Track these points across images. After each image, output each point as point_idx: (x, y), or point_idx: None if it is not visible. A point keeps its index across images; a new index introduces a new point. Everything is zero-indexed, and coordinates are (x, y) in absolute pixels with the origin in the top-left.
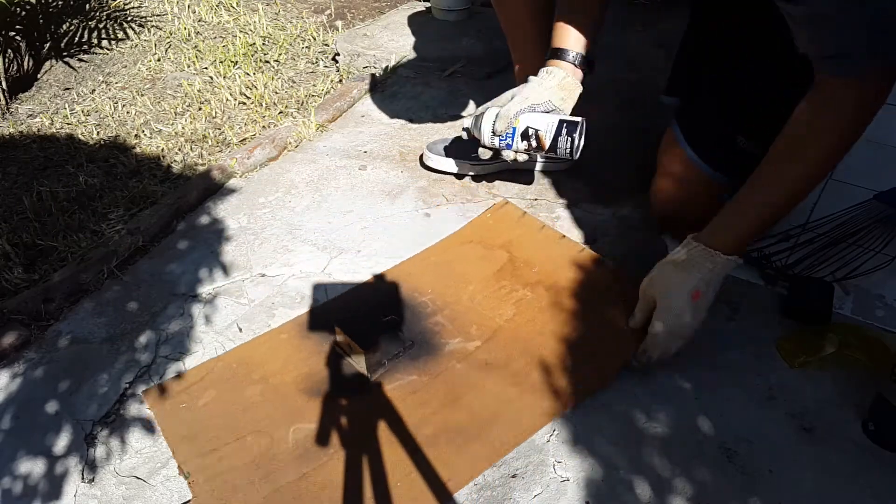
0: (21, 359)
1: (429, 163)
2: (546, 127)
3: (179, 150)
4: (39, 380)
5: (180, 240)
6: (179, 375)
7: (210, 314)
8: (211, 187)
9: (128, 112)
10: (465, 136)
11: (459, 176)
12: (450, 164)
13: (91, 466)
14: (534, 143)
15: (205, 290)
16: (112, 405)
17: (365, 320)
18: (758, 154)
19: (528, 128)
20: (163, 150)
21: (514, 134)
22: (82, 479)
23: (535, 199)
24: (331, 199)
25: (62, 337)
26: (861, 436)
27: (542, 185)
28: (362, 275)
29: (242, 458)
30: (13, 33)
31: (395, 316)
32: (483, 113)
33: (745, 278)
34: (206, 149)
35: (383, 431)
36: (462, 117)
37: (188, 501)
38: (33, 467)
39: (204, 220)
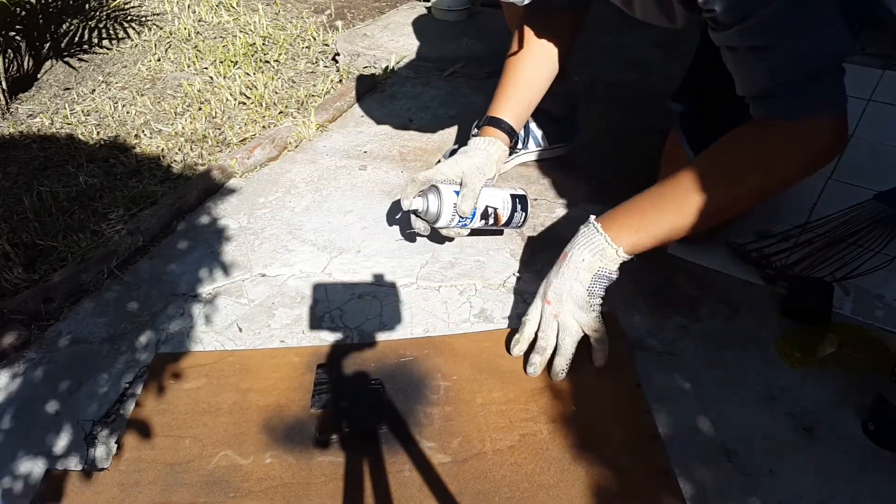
0: (21, 359)
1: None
2: (503, 205)
3: (179, 150)
4: (39, 380)
5: (180, 240)
6: (190, 353)
7: (210, 314)
8: (211, 187)
9: (128, 112)
10: (410, 216)
11: None
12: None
13: (91, 466)
14: (491, 221)
15: (205, 290)
16: (112, 405)
17: (366, 378)
18: None
19: (487, 207)
20: (163, 150)
21: (474, 214)
22: None
23: (535, 199)
24: (331, 199)
25: (62, 337)
26: (861, 436)
27: (542, 184)
28: (362, 275)
29: (167, 457)
30: (13, 33)
31: (400, 389)
32: (433, 192)
33: (744, 278)
34: (206, 149)
35: (281, 503)
36: (464, 118)
37: (101, 469)
38: (33, 467)
39: (204, 220)
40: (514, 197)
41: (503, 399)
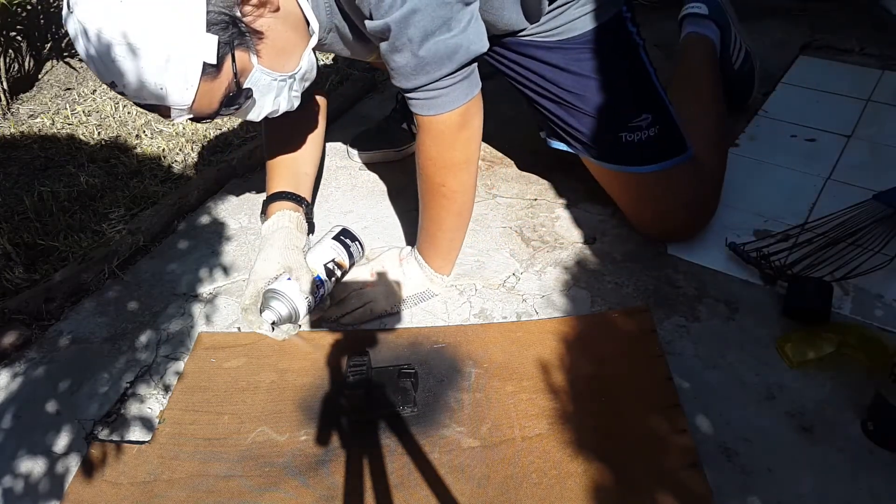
0: (22, 358)
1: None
2: (335, 253)
3: (180, 150)
4: (40, 379)
5: (181, 240)
6: (232, 333)
7: (210, 314)
8: (211, 187)
9: (129, 112)
10: (269, 330)
11: None
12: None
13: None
14: (339, 273)
15: (205, 289)
16: (113, 404)
17: (400, 363)
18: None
19: (325, 266)
20: (164, 150)
21: (320, 280)
22: None
23: (535, 200)
24: (331, 198)
25: (63, 336)
26: (860, 436)
27: (542, 185)
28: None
29: (206, 432)
30: (14, 34)
31: (433, 374)
32: (275, 298)
33: (744, 278)
34: (207, 149)
35: (314, 478)
36: None
37: (143, 442)
38: (34, 466)
39: (204, 219)
40: (338, 238)
41: (533, 388)
